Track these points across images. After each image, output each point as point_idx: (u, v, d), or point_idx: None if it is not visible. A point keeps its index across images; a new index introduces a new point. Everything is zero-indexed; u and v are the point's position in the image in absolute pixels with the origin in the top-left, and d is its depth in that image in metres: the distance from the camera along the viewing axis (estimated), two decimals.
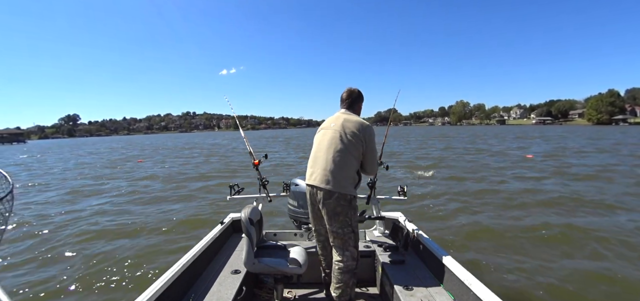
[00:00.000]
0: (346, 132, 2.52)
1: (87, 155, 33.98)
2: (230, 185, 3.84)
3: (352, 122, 2.56)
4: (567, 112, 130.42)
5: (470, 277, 2.28)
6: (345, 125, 2.55)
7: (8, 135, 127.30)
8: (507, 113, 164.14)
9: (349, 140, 2.50)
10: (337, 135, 2.52)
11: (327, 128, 2.65)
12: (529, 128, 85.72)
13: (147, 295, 2.05)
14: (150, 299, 2.04)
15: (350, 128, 2.53)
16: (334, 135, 2.54)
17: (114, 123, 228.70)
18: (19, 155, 37.75)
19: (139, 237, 6.38)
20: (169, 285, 2.26)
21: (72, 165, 23.11)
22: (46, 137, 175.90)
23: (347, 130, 2.52)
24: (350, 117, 2.62)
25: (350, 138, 2.50)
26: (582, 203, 8.20)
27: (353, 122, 2.56)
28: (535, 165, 15.46)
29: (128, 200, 10.09)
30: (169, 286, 2.27)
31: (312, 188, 2.55)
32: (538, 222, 6.74)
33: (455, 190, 10.04)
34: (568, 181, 11.16)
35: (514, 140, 34.40)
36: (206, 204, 9.06)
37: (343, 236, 2.50)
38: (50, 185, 14.16)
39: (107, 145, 57.08)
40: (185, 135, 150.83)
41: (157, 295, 2.12)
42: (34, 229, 7.17)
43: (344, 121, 2.58)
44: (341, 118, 2.61)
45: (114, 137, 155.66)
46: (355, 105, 2.74)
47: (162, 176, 15.39)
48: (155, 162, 23.32)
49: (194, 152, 31.13)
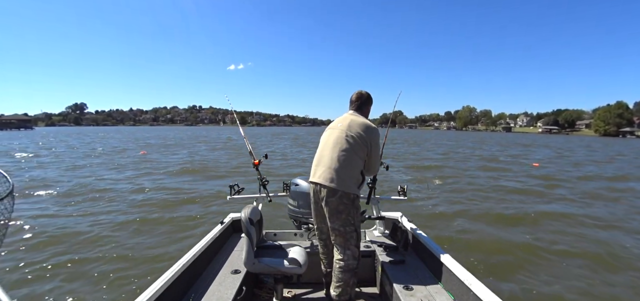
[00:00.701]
0: (352, 132, 2.56)
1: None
2: (230, 184, 3.83)
3: (358, 124, 2.60)
4: (574, 122, 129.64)
5: (470, 277, 2.28)
6: (351, 126, 2.59)
7: (17, 121, 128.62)
8: (513, 121, 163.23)
9: (355, 141, 2.54)
10: (343, 135, 2.56)
11: (334, 128, 2.69)
12: (536, 137, 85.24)
13: (147, 295, 2.05)
14: (150, 299, 2.04)
15: (357, 129, 2.57)
16: (340, 134, 2.58)
17: (120, 113, 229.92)
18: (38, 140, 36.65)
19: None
20: (169, 284, 2.27)
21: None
22: (53, 124, 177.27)
23: (353, 131, 2.56)
24: (357, 119, 2.66)
25: (356, 138, 2.54)
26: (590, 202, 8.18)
27: (359, 124, 2.60)
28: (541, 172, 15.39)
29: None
30: (169, 286, 2.27)
31: (316, 186, 2.58)
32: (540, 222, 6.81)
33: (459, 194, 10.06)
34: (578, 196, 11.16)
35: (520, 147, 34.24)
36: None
37: (345, 234, 2.53)
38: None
39: (131, 135, 57.39)
40: (191, 128, 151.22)
41: (157, 295, 2.12)
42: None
43: (350, 122, 2.62)
44: (348, 119, 2.65)
45: (121, 127, 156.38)
46: (363, 108, 2.79)
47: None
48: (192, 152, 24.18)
49: (217, 144, 31.92)
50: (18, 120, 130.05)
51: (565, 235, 6.49)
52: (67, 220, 7.15)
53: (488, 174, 15.17)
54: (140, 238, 6.12)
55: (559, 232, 6.67)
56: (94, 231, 6.45)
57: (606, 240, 6.32)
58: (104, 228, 6.61)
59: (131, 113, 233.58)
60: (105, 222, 7.05)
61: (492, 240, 6.16)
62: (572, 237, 6.40)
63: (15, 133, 76.18)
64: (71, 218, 7.32)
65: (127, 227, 6.75)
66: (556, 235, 6.45)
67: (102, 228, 6.60)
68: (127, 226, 6.79)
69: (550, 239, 6.23)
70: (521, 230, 6.75)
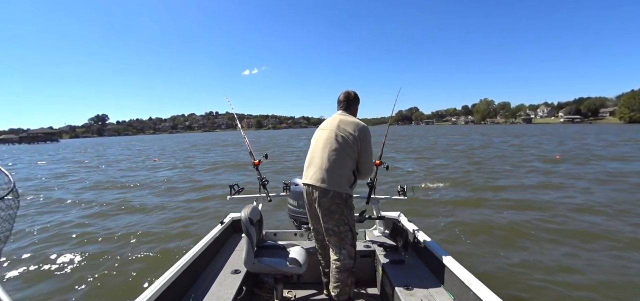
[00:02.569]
0: (342, 132, 2.56)
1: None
2: (230, 184, 3.82)
3: (347, 123, 2.61)
4: (597, 110, 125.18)
5: (471, 277, 2.27)
6: (340, 125, 2.60)
7: (43, 134, 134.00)
8: (533, 112, 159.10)
9: (345, 140, 2.54)
10: (332, 134, 2.57)
11: (323, 129, 2.70)
12: (557, 127, 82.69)
13: (148, 295, 2.05)
14: (150, 299, 2.04)
15: (346, 129, 2.58)
16: (330, 135, 2.59)
17: (140, 122, 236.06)
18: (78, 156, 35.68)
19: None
20: (169, 284, 2.27)
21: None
22: (77, 136, 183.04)
23: (342, 130, 2.57)
24: (346, 118, 2.67)
25: (345, 138, 2.55)
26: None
27: (349, 123, 2.61)
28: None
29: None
30: (169, 286, 2.28)
31: (309, 187, 2.59)
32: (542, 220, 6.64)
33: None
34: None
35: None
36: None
37: (339, 234, 2.53)
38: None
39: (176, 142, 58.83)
40: (209, 134, 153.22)
41: (158, 295, 2.12)
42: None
43: (340, 121, 2.63)
44: (337, 119, 2.66)
45: (142, 136, 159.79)
46: (351, 107, 2.81)
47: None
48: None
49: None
50: (44, 133, 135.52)
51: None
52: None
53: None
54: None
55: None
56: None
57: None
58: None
59: (151, 122, 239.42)
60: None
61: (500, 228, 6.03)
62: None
63: (44, 146, 78.57)
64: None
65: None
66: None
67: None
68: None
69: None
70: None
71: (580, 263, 4.85)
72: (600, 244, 5.51)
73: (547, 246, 5.46)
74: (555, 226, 6.37)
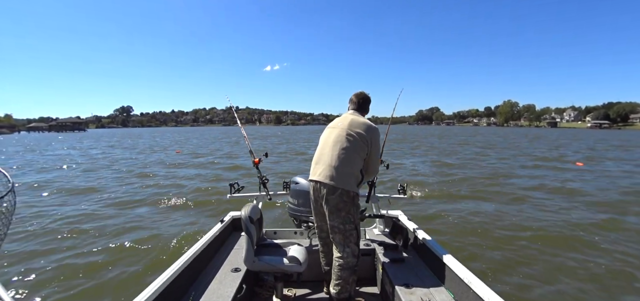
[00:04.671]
0: (353, 131, 2.59)
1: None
2: (230, 183, 3.84)
3: (359, 123, 2.64)
4: (627, 116, 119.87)
5: (471, 276, 2.27)
6: (352, 125, 2.63)
7: (71, 123, 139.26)
8: (559, 115, 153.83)
9: (356, 139, 2.57)
10: (343, 133, 2.59)
11: (334, 127, 2.72)
12: (584, 132, 79.82)
13: (148, 293, 2.06)
14: (150, 297, 2.05)
15: (357, 128, 2.60)
16: (340, 133, 2.61)
17: (163, 115, 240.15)
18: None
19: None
20: (169, 283, 2.28)
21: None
22: (102, 126, 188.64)
23: (353, 130, 2.59)
24: (357, 118, 2.70)
25: (356, 137, 2.57)
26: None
27: (360, 123, 2.64)
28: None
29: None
30: (170, 284, 2.29)
31: (316, 184, 2.60)
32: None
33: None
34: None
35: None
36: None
37: (344, 232, 2.54)
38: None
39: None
40: (230, 128, 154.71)
41: (158, 293, 2.13)
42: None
43: (351, 121, 2.66)
44: (349, 118, 2.69)
45: (165, 128, 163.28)
46: (363, 108, 2.85)
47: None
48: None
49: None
50: (72, 123, 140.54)
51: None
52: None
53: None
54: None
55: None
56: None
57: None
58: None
59: (173, 115, 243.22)
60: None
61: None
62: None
63: (73, 135, 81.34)
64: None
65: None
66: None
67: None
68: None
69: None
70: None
71: (581, 265, 4.92)
72: (602, 249, 5.55)
73: (549, 249, 5.51)
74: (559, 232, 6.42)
